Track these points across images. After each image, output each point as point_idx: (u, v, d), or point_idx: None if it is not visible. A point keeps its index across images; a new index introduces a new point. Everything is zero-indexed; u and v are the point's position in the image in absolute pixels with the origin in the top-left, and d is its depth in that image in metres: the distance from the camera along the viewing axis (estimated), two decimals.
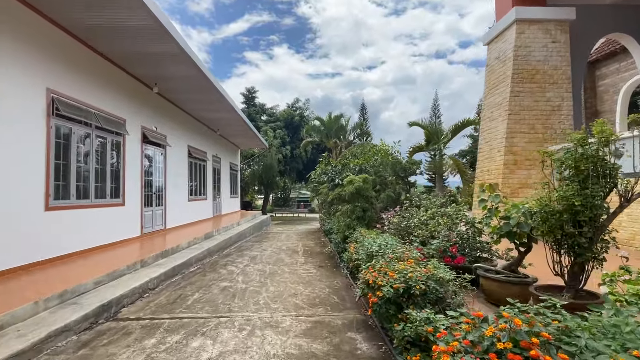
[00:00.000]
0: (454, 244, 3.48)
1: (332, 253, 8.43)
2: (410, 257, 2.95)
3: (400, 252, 3.04)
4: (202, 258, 7.33)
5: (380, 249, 3.36)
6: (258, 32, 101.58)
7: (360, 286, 3.03)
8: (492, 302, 2.84)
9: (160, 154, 9.29)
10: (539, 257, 2.95)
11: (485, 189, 2.78)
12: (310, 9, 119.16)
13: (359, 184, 6.26)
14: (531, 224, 2.32)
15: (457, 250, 3.39)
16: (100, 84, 6.59)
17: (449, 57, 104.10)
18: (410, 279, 2.38)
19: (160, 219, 9.20)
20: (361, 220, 6.24)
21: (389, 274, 2.52)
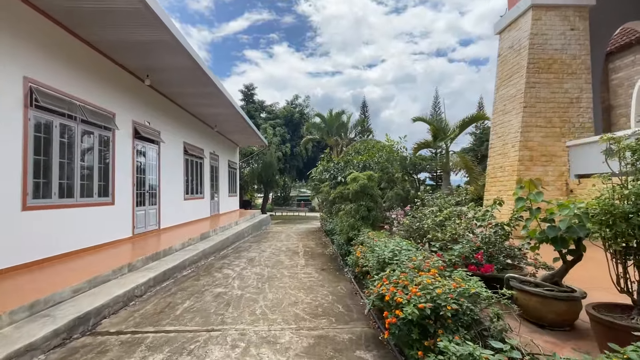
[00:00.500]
0: (477, 249, 3.04)
1: (335, 255, 8.01)
2: (432, 266, 2.52)
3: (420, 261, 2.60)
4: (197, 260, 6.90)
5: (394, 255, 2.93)
6: (258, 31, 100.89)
7: (371, 299, 2.59)
8: (530, 320, 2.40)
9: (153, 150, 8.85)
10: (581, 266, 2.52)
11: (524, 185, 2.34)
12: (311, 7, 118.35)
13: (364, 181, 5.83)
14: (591, 229, 1.89)
15: (482, 257, 2.96)
16: (86, 74, 6.14)
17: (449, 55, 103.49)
18: (438, 296, 1.95)
19: (154, 218, 8.77)
20: (366, 221, 5.81)
21: (410, 289, 2.09)
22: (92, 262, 5.29)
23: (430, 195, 4.77)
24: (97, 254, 5.86)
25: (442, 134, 8.84)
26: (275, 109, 26.95)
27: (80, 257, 5.58)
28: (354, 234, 5.73)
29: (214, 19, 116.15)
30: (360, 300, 4.47)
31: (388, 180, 5.48)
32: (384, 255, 2.95)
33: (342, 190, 8.61)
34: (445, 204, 4.30)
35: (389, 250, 3.02)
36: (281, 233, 13.27)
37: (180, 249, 7.19)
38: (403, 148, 7.34)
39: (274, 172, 22.59)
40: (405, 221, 4.45)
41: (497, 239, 3.11)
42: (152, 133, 8.58)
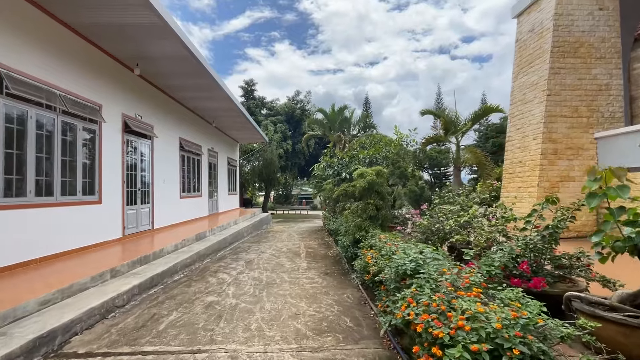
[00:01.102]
0: (519, 257, 2.49)
1: (339, 257, 7.48)
2: (474, 282, 1.98)
3: (454, 276, 2.06)
4: (190, 263, 6.40)
5: (417, 266, 2.39)
6: (259, 29, 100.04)
7: (388, 319, 2.06)
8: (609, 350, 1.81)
9: (146, 146, 8.34)
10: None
11: (603, 175, 1.78)
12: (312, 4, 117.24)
13: (372, 177, 5.29)
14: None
15: (528, 268, 2.42)
16: (67, 61, 5.62)
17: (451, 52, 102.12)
18: (496, 332, 1.40)
19: (147, 218, 8.27)
20: (374, 221, 5.29)
21: (456, 322, 1.54)
22: (72, 267, 4.78)
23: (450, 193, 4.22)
24: (80, 258, 5.36)
25: (453, 128, 8.28)
26: (276, 105, 26.40)
27: (61, 261, 5.08)
28: (361, 236, 5.20)
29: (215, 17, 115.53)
30: (370, 311, 3.94)
31: (400, 175, 4.96)
32: (406, 266, 2.42)
33: (346, 187, 8.06)
34: (467, 202, 3.77)
35: (410, 259, 2.49)
36: (282, 232, 12.77)
37: (172, 250, 6.68)
38: (413, 142, 6.79)
39: (275, 169, 22.07)
40: (422, 222, 3.91)
41: (544, 245, 2.57)
42: (144, 127, 8.07)
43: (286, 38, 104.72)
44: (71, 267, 4.78)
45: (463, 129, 8.23)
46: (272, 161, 21.65)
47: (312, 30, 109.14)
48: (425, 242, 3.89)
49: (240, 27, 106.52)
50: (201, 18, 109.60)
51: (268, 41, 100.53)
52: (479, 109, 8.85)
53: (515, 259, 2.52)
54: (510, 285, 2.23)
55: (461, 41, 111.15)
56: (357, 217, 5.55)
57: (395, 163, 5.55)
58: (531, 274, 2.44)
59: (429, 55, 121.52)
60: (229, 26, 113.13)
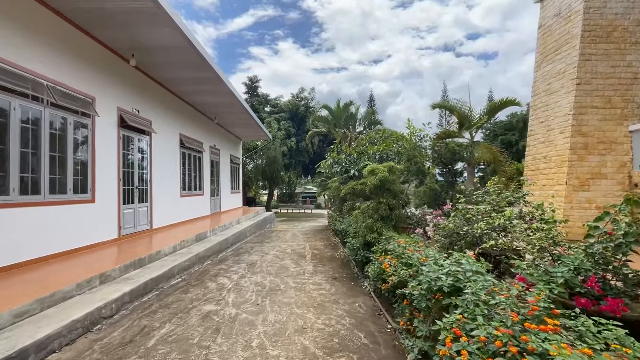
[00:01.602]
0: (581, 271, 2.03)
1: (346, 259, 7.06)
2: (542, 309, 1.54)
3: (513, 299, 1.61)
4: (189, 266, 6.00)
5: (456, 281, 1.95)
6: (263, 27, 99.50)
7: (420, 345, 1.62)
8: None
9: (144, 142, 7.96)
10: None
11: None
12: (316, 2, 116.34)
13: (384, 174, 4.84)
14: None
15: (598, 285, 1.95)
16: (56, 49, 5.23)
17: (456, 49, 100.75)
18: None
19: (145, 217, 7.90)
20: (387, 221, 4.85)
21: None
22: (58, 271, 4.40)
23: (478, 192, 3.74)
24: (70, 261, 4.98)
25: (467, 122, 7.79)
26: (279, 103, 25.99)
27: (48, 265, 4.70)
28: (372, 238, 4.76)
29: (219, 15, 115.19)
30: (386, 325, 3.51)
31: (416, 172, 4.50)
32: (441, 281, 1.97)
33: (354, 185, 7.62)
34: (500, 202, 3.30)
35: (445, 272, 2.04)
36: (286, 232, 12.37)
37: (170, 252, 6.29)
38: (426, 137, 6.31)
39: (279, 167, 21.67)
40: (447, 224, 3.46)
41: (613, 256, 2.11)
42: (141, 122, 7.68)
43: (290, 36, 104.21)
44: (58, 271, 4.40)
45: (478, 124, 7.73)
46: (276, 159, 21.26)
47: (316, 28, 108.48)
48: (451, 248, 3.44)
49: (244, 25, 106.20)
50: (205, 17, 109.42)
51: (272, 40, 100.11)
52: (495, 102, 8.35)
53: (582, 274, 2.05)
54: (577, 307, 1.78)
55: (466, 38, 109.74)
56: (368, 218, 5.11)
57: (412, 158, 5.07)
58: (601, 292, 1.99)
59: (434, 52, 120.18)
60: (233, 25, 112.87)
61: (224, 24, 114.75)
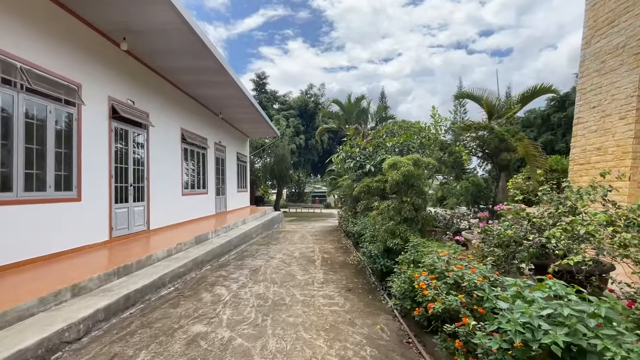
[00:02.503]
0: None
1: (360, 264, 6.29)
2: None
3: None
4: (184, 273, 5.34)
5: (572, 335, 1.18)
6: (273, 27, 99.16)
7: None
8: None
9: (140, 136, 7.35)
10: None
11: None
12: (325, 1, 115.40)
13: (408, 167, 4.05)
14: None
15: None
16: (34, 29, 4.63)
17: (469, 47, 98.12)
18: None
19: (141, 217, 7.29)
20: (412, 224, 4.06)
21: None
22: (23, 283, 3.76)
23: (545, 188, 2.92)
24: (43, 268, 4.36)
25: (496, 112, 6.91)
26: (288, 99, 25.31)
27: (16, 273, 4.09)
28: (395, 244, 3.98)
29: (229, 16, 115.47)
30: (419, 358, 2.73)
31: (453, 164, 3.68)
32: (550, 337, 1.18)
33: (369, 182, 6.84)
34: (579, 202, 2.49)
35: (544, 313, 1.24)
36: (294, 233, 11.66)
37: (164, 257, 5.64)
38: (454, 126, 5.44)
39: (287, 165, 20.99)
40: (504, 230, 2.64)
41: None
42: (137, 114, 7.07)
43: (300, 36, 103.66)
44: (23, 283, 3.76)
45: (509, 113, 6.82)
46: (284, 157, 20.58)
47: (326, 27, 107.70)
48: (508, 262, 2.64)
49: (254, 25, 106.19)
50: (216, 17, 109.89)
51: (282, 39, 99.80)
52: (529, 89, 7.43)
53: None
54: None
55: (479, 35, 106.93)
56: (388, 220, 4.33)
57: (446, 148, 4.22)
58: None
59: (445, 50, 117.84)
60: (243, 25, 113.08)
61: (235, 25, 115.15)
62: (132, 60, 6.97)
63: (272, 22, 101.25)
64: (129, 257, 4.94)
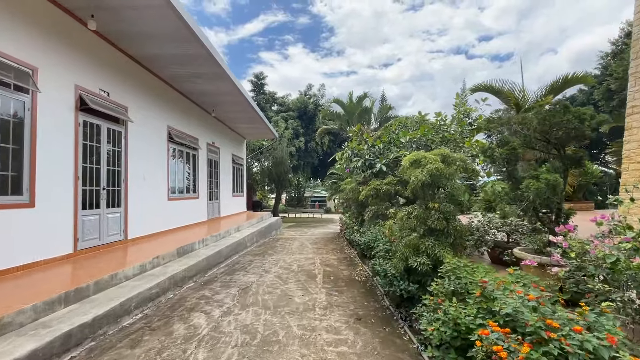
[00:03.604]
0: None
1: (369, 281, 5.36)
2: None
3: None
4: (158, 294, 4.40)
5: None
6: (273, 32, 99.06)
7: None
8: None
9: (116, 132, 6.46)
10: None
11: None
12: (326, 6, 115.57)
13: (436, 165, 3.16)
14: None
15: None
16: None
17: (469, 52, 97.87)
18: None
19: (117, 226, 6.37)
20: (441, 238, 3.16)
21: None
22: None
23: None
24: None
25: (524, 104, 6.07)
26: (287, 101, 24.50)
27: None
28: (420, 264, 3.06)
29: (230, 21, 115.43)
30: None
31: (508, 157, 2.80)
32: None
33: (377, 185, 5.94)
34: None
35: None
36: (293, 240, 10.73)
37: (136, 274, 4.71)
38: (479, 120, 4.56)
39: (286, 169, 20.10)
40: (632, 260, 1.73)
41: None
42: (113, 108, 6.19)
43: (300, 41, 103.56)
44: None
45: (542, 103, 5.96)
46: (283, 160, 19.70)
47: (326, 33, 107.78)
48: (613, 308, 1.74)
49: (255, 31, 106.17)
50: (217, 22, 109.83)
51: (282, 45, 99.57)
52: (559, 79, 6.59)
53: None
54: None
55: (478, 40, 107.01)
56: (410, 231, 3.42)
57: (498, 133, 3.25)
58: None
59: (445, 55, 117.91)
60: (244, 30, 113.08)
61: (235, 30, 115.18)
62: (107, 46, 6.10)
63: (273, 28, 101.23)
64: (88, 277, 4.01)
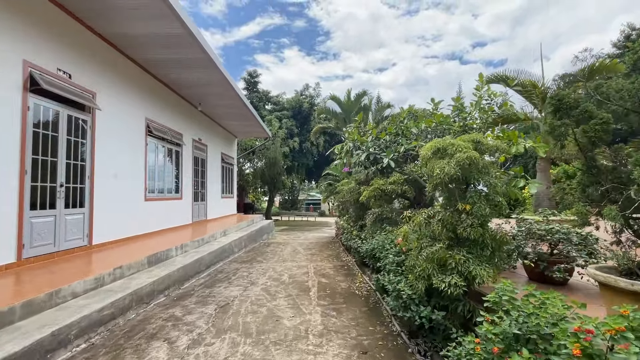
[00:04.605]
0: None
1: (371, 295, 4.56)
2: None
3: None
4: (112, 317, 3.54)
5: None
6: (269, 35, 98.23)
7: None
8: None
9: (82, 121, 5.59)
10: None
11: None
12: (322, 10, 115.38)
13: (469, 154, 2.40)
14: None
15: None
16: None
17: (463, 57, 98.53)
18: None
19: (78, 229, 5.47)
20: (475, 249, 2.38)
21: None
22: None
23: None
24: None
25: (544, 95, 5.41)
26: (281, 100, 23.70)
27: None
28: (450, 285, 2.28)
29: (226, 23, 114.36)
30: None
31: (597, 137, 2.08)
32: None
33: (381, 185, 5.19)
34: None
35: None
36: (285, 245, 9.90)
37: (88, 290, 3.83)
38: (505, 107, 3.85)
39: (280, 170, 19.25)
40: None
41: None
42: (76, 92, 5.32)
43: (295, 44, 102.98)
44: None
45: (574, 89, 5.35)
46: (276, 160, 18.86)
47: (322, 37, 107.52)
48: None
49: (251, 33, 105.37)
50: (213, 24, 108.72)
51: (277, 48, 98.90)
52: (586, 67, 5.92)
53: None
54: None
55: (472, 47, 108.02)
56: (432, 240, 2.63)
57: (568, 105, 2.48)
58: None
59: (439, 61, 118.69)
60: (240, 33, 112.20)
61: (231, 32, 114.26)
62: (68, 20, 5.24)
63: (269, 31, 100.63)
64: (17, 296, 3.13)
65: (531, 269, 2.95)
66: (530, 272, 3.05)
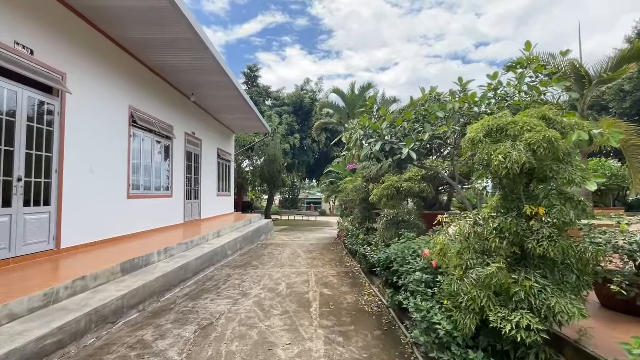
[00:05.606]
0: None
1: (383, 312, 3.79)
2: None
3: None
4: (60, 345, 2.79)
5: None
6: (271, 33, 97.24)
7: None
8: None
9: (46, 104, 4.82)
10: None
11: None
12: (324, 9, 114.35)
13: (544, 133, 1.64)
14: None
15: None
16: None
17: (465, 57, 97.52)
18: None
19: (42, 230, 4.71)
20: (553, 271, 1.62)
21: None
22: None
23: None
24: None
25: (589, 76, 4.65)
26: (282, 95, 22.89)
27: None
28: (520, 328, 1.51)
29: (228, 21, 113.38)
30: None
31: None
32: None
33: (395, 182, 4.46)
34: None
35: None
36: (284, 247, 9.14)
37: (33, 309, 3.06)
38: (553, 82, 3.15)
39: (280, 167, 18.47)
40: None
41: None
42: (39, 71, 4.55)
43: (297, 42, 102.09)
44: None
45: (612, 77, 4.52)
46: (276, 157, 18.07)
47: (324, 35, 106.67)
48: None
49: (253, 31, 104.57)
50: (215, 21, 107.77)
51: (279, 46, 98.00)
52: (627, 49, 5.13)
53: None
54: None
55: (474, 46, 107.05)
56: (481, 255, 1.87)
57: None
58: None
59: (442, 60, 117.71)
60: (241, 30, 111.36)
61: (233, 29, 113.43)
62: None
63: (271, 29, 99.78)
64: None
65: (608, 294, 2.17)
66: (601, 296, 2.28)
